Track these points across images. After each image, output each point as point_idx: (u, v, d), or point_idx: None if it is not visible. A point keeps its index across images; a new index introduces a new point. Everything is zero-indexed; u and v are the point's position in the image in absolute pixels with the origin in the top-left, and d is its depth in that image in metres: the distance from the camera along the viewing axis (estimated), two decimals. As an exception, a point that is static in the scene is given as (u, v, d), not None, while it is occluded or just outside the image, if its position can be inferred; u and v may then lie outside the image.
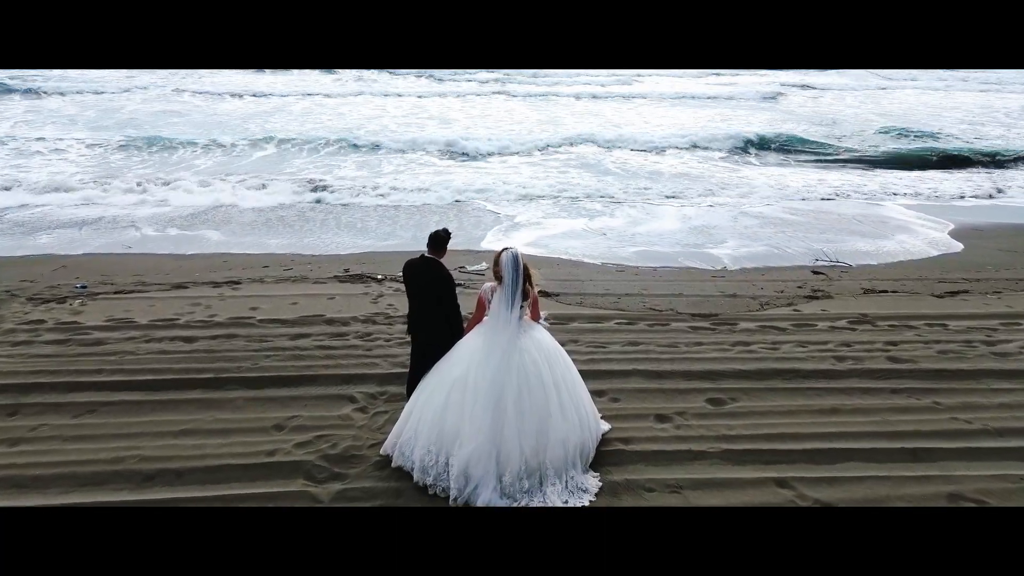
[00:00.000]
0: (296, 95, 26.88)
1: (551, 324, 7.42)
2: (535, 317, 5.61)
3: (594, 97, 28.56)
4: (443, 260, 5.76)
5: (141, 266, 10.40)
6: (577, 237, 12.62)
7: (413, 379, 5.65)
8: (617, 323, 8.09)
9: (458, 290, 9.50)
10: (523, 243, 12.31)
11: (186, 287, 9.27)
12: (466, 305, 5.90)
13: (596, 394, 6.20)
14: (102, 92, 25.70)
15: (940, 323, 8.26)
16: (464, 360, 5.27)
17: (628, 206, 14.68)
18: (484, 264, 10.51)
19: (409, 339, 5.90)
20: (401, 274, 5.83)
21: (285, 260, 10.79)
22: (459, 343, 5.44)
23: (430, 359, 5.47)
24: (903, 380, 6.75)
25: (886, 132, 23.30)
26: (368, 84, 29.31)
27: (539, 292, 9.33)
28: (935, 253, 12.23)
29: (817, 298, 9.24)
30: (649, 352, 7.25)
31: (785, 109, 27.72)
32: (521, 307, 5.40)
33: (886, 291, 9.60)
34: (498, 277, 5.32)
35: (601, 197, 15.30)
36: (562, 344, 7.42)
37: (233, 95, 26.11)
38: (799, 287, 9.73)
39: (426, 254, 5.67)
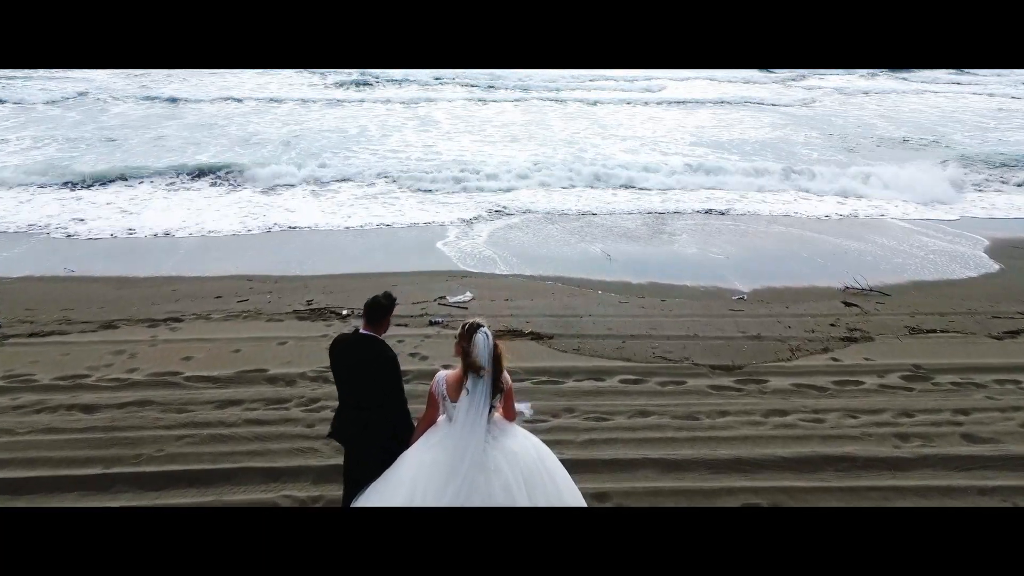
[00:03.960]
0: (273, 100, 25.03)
1: (544, 378, 5.77)
2: (510, 415, 3.92)
3: (594, 103, 26.58)
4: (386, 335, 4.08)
5: (77, 295, 8.73)
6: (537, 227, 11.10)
7: (348, 496, 4.01)
8: (622, 380, 6.41)
9: (437, 330, 7.96)
10: (485, 238, 10.72)
11: (116, 326, 7.61)
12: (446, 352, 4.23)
13: (597, 499, 4.57)
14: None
15: (1011, 379, 6.58)
16: (407, 483, 3.62)
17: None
18: (469, 294, 8.84)
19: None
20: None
21: (243, 288, 9.10)
22: (403, 456, 3.77)
23: (366, 473, 3.81)
24: (988, 473, 5.08)
25: None
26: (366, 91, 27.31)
27: (531, 334, 7.69)
28: (973, 274, 10.52)
29: (856, 340, 7.55)
30: (663, 428, 5.58)
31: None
32: (491, 407, 3.73)
33: (935, 330, 7.89)
34: (469, 365, 3.65)
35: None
36: (555, 415, 5.80)
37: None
38: (832, 324, 8.03)
39: (361, 329, 3.99)
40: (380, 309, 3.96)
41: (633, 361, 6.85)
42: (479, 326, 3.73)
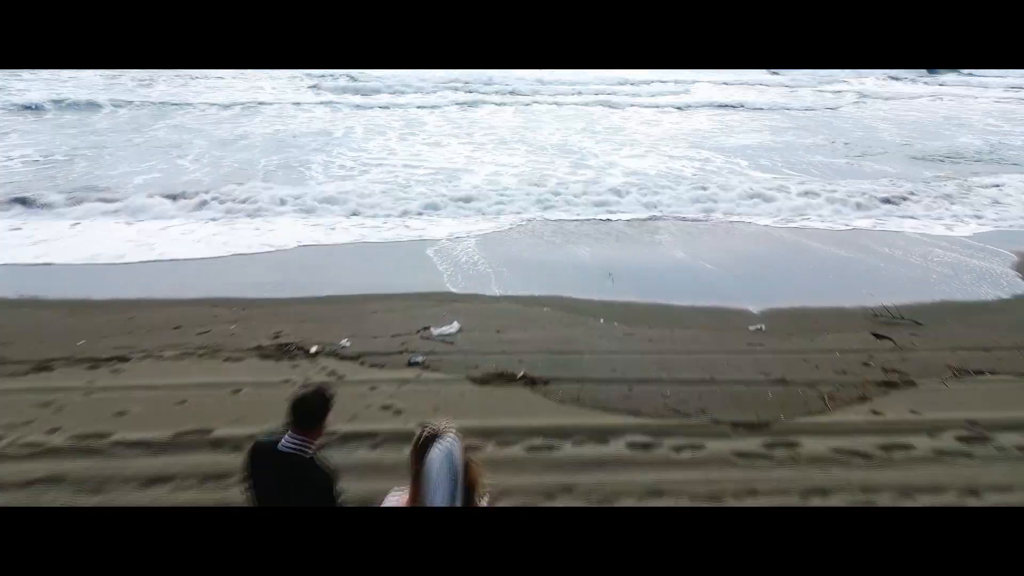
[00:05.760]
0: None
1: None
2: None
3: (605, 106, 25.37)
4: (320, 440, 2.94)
5: (21, 324, 7.60)
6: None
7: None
8: (630, 444, 5.29)
9: (418, 373, 6.71)
10: (475, 255, 9.48)
11: (52, 368, 6.49)
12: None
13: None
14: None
15: (1086, 440, 5.46)
16: None
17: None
18: (455, 325, 7.71)
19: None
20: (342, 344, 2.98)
21: (207, 316, 7.97)
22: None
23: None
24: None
25: None
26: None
27: (524, 378, 6.56)
28: (1005, 296, 9.40)
29: (895, 385, 6.43)
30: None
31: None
32: (460, 550, 2.60)
33: (982, 372, 6.77)
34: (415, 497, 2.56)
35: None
36: (550, 495, 4.68)
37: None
38: (865, 363, 6.91)
39: (286, 439, 2.85)
40: (310, 412, 2.82)
41: (642, 415, 5.73)
42: (437, 436, 2.60)
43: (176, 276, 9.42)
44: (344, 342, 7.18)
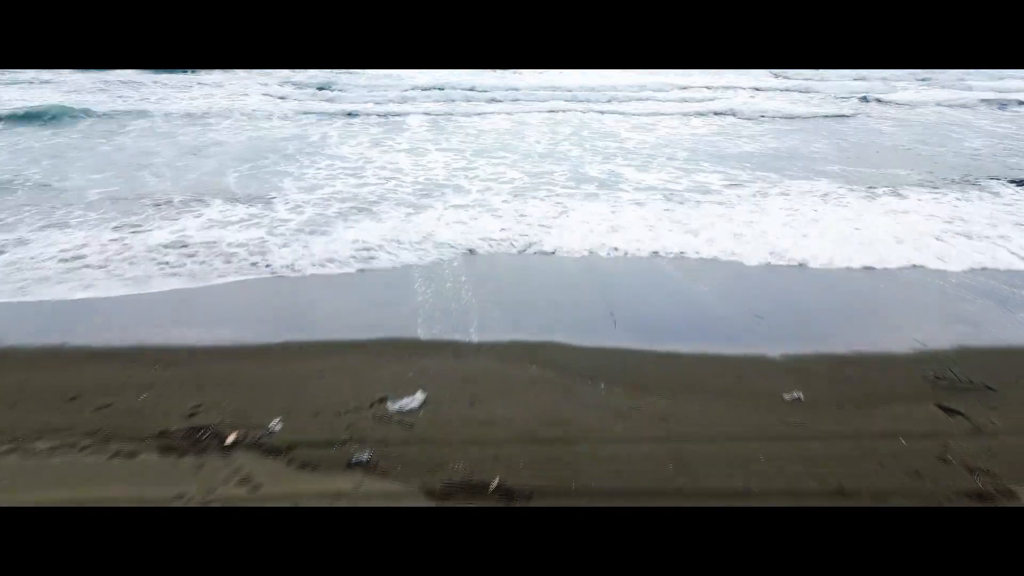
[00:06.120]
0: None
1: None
2: None
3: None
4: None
5: None
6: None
7: None
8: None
9: (357, 482, 4.62)
10: (456, 288, 7.82)
11: None
12: None
13: None
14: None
15: None
16: None
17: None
18: (419, 395, 6.12)
19: None
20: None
21: (117, 379, 6.39)
22: None
23: None
24: None
25: None
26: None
27: (498, 490, 4.91)
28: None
29: (989, 495, 4.83)
30: None
31: None
32: None
33: (1095, 471, 5.17)
34: None
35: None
36: None
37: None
38: (941, 458, 5.31)
39: None
40: None
41: (656, 559, 4.12)
42: None
43: (101, 317, 7.82)
44: (274, 424, 5.59)
